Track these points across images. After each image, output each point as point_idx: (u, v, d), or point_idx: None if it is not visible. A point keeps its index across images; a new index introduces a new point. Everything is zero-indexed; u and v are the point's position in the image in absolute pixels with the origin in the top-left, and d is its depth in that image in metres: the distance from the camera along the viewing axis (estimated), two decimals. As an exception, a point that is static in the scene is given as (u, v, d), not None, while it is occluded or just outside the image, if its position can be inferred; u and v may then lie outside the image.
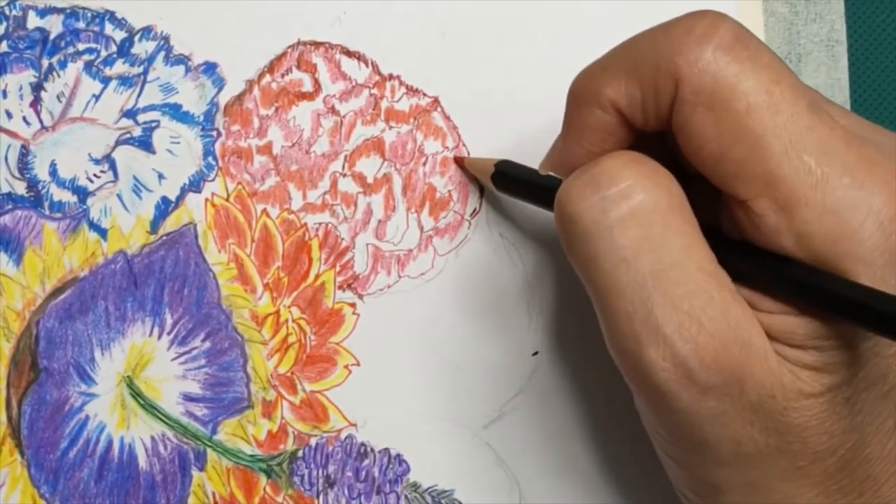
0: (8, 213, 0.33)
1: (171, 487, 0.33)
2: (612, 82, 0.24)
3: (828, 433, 0.23)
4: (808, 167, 0.22)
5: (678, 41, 0.23)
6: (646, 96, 0.24)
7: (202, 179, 0.33)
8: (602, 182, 0.24)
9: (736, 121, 0.22)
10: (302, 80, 0.34)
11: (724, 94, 0.23)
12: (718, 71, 0.23)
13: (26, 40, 0.33)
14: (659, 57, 0.23)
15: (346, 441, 0.33)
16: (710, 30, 0.23)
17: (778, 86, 0.23)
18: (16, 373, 0.33)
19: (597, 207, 0.24)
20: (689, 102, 0.23)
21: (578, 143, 0.26)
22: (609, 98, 0.24)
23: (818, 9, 0.35)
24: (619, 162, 0.24)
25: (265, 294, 0.33)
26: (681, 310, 0.23)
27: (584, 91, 0.25)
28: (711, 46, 0.23)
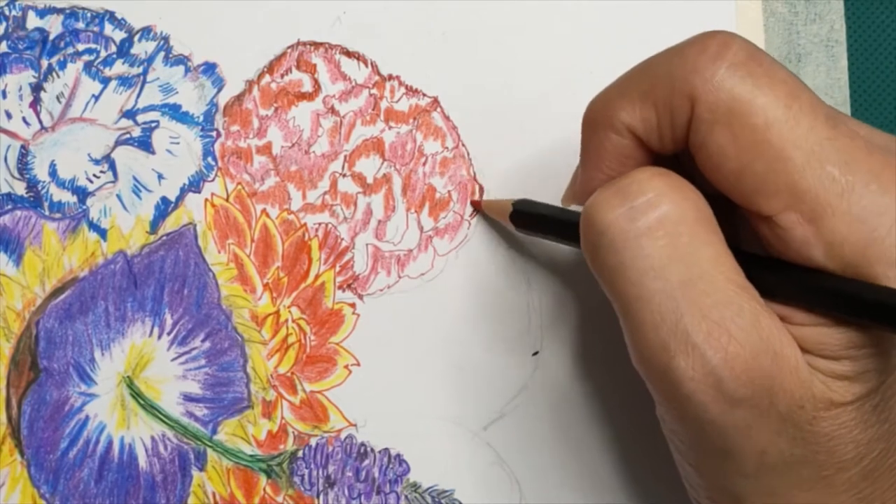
0: (8, 213, 0.33)
1: (171, 487, 0.33)
2: (626, 106, 0.24)
3: (854, 442, 0.23)
4: (832, 176, 0.22)
5: (692, 61, 0.23)
6: (661, 119, 0.24)
7: (202, 180, 0.33)
8: (630, 192, 0.24)
9: (755, 136, 0.23)
10: (301, 81, 0.34)
11: (741, 109, 0.23)
12: (734, 87, 0.23)
13: (26, 41, 0.33)
14: (673, 78, 0.23)
15: (346, 441, 0.33)
16: (723, 48, 0.23)
17: (796, 100, 0.23)
18: (16, 373, 0.33)
19: (625, 217, 0.24)
20: (706, 121, 0.23)
21: (597, 168, 0.26)
22: (625, 122, 0.24)
23: (818, 9, 0.35)
24: (647, 174, 0.24)
25: (265, 294, 0.33)
26: (710, 319, 0.23)
27: (600, 117, 0.25)
28: (725, 64, 0.23)
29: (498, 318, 0.34)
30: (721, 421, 0.23)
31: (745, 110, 0.23)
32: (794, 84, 0.23)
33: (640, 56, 0.34)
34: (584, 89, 0.34)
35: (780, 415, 0.23)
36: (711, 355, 0.22)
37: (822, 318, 0.23)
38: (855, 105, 0.36)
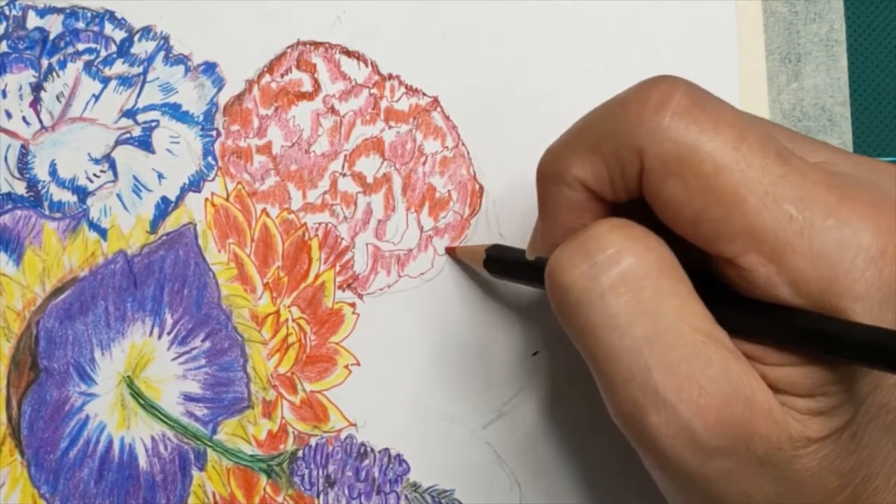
0: (8, 212, 0.33)
1: (171, 487, 0.33)
2: (576, 161, 0.24)
3: (837, 472, 0.23)
4: (789, 215, 0.22)
5: (635, 114, 0.23)
6: (612, 172, 0.24)
7: (202, 179, 0.33)
8: (591, 249, 0.24)
9: (707, 183, 0.22)
10: (301, 80, 0.34)
11: (689, 158, 0.22)
12: (679, 136, 0.22)
13: (26, 40, 0.33)
14: (619, 132, 0.23)
15: (346, 441, 0.33)
16: (665, 97, 0.23)
17: (744, 141, 0.22)
18: (16, 373, 0.33)
19: (587, 275, 0.24)
20: (657, 173, 0.23)
21: (555, 222, 0.25)
22: (575, 177, 0.24)
23: (818, 8, 0.35)
24: (606, 228, 0.24)
25: (265, 294, 0.33)
26: (679, 373, 0.22)
27: (551, 172, 0.25)
28: (669, 113, 0.22)
29: (497, 318, 0.34)
30: (701, 472, 0.23)
31: (693, 158, 0.22)
32: (741, 124, 0.23)
33: (640, 56, 0.34)
34: (584, 89, 0.34)
35: (758, 458, 0.23)
36: (683, 410, 0.22)
37: (793, 357, 0.23)
38: (855, 105, 0.36)
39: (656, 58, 0.35)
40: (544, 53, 0.34)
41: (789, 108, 0.35)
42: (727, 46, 0.35)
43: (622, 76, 0.34)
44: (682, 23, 0.35)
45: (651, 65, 0.34)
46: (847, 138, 0.35)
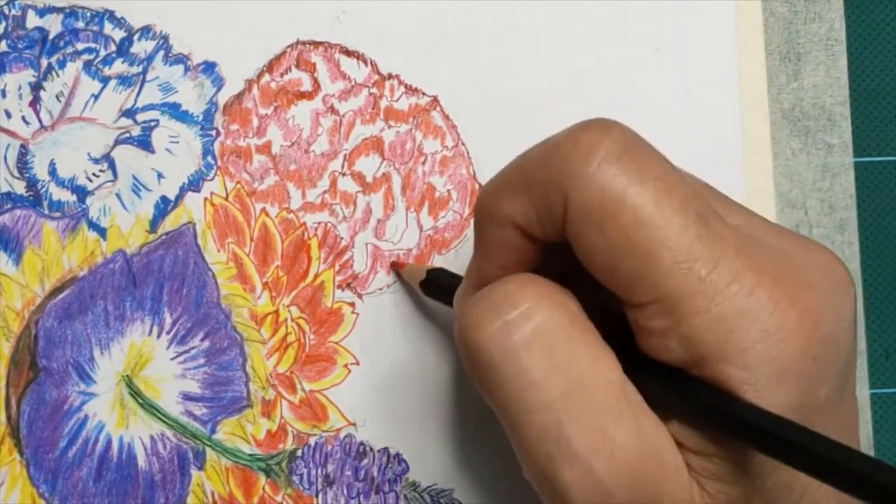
0: (7, 212, 0.33)
1: (170, 487, 0.33)
2: (507, 201, 0.24)
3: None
4: (698, 276, 0.22)
5: (565, 158, 0.23)
6: (540, 213, 0.24)
7: (201, 179, 0.33)
8: (503, 307, 0.24)
9: (625, 236, 0.22)
10: (301, 80, 0.34)
11: (611, 209, 0.22)
12: (604, 186, 0.22)
13: (25, 40, 0.33)
14: (548, 175, 0.23)
15: (345, 440, 0.33)
16: (596, 143, 0.23)
17: (667, 197, 0.22)
18: (15, 372, 0.33)
19: (500, 333, 0.24)
20: (578, 220, 0.23)
21: (488, 259, 0.25)
22: (507, 216, 0.24)
23: (817, 8, 0.35)
24: (517, 284, 0.24)
25: (264, 293, 0.33)
26: (592, 427, 0.23)
27: (485, 211, 0.25)
28: (597, 160, 0.22)
29: (497, 318, 0.34)
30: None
31: (615, 210, 0.22)
32: (667, 179, 0.23)
33: (640, 56, 0.34)
34: (584, 89, 0.34)
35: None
36: (597, 465, 0.22)
37: None
38: (855, 105, 0.36)
39: (656, 58, 0.35)
40: (544, 53, 0.34)
41: (789, 107, 0.35)
42: (727, 46, 0.35)
43: (622, 76, 0.34)
44: (682, 23, 0.35)
45: (651, 65, 0.35)
46: (847, 138, 0.35)
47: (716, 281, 0.22)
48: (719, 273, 0.22)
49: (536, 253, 0.25)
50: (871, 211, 0.36)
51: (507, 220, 0.24)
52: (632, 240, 0.22)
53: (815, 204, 0.35)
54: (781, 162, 0.35)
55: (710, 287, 0.22)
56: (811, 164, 0.35)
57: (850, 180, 0.35)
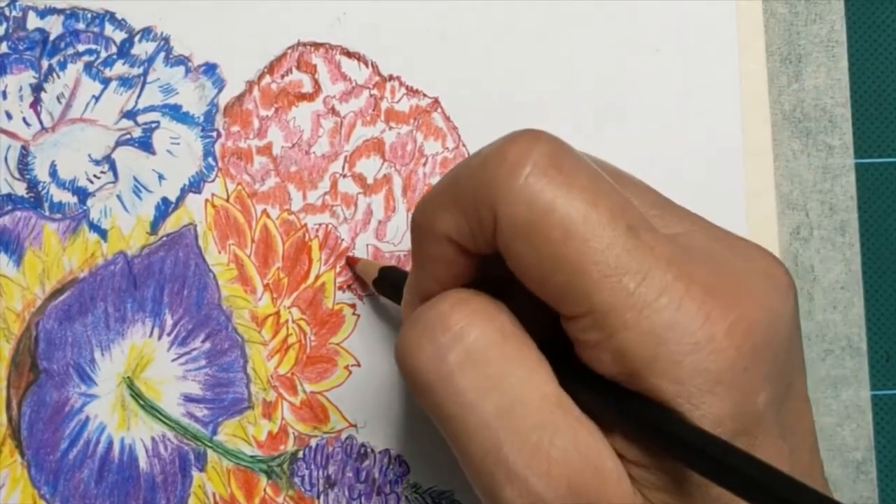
0: (8, 213, 0.33)
1: (171, 488, 0.33)
2: (440, 216, 0.24)
3: None
4: (627, 290, 0.22)
5: (492, 172, 0.23)
6: (472, 228, 0.24)
7: (202, 180, 0.33)
8: (435, 330, 0.24)
9: (553, 249, 0.22)
10: (302, 81, 0.34)
11: (539, 223, 0.22)
12: (532, 200, 0.22)
13: (26, 41, 0.33)
14: (477, 189, 0.23)
15: (346, 442, 0.33)
16: (523, 156, 0.22)
17: (595, 209, 0.22)
18: (16, 374, 0.33)
19: (434, 357, 0.24)
20: (508, 234, 0.23)
21: (426, 274, 0.25)
22: (441, 231, 0.24)
23: (818, 9, 0.35)
24: (448, 305, 0.24)
25: (265, 295, 0.33)
26: (530, 444, 0.23)
27: (420, 225, 0.25)
28: (524, 174, 0.22)
29: (498, 319, 0.34)
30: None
31: (542, 223, 0.22)
32: (595, 190, 0.23)
33: (640, 56, 0.34)
34: (584, 89, 0.34)
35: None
36: (535, 482, 0.22)
37: None
38: (855, 105, 0.36)
39: (656, 58, 0.35)
40: (544, 53, 0.34)
41: (790, 109, 0.35)
42: (727, 47, 0.35)
43: (622, 76, 0.34)
44: (682, 23, 0.35)
45: (651, 65, 0.35)
46: (847, 139, 0.35)
47: (644, 294, 0.22)
48: (648, 286, 0.22)
49: (473, 265, 0.25)
50: (872, 212, 0.36)
51: (442, 235, 0.24)
52: (560, 253, 0.22)
53: (816, 205, 0.35)
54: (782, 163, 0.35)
55: (639, 300, 0.22)
56: (812, 166, 0.35)
57: (851, 182, 0.35)
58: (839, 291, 0.35)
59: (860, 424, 0.35)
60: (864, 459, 0.35)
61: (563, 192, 0.22)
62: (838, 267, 0.35)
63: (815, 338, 0.35)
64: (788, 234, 0.35)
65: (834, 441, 0.35)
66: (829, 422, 0.35)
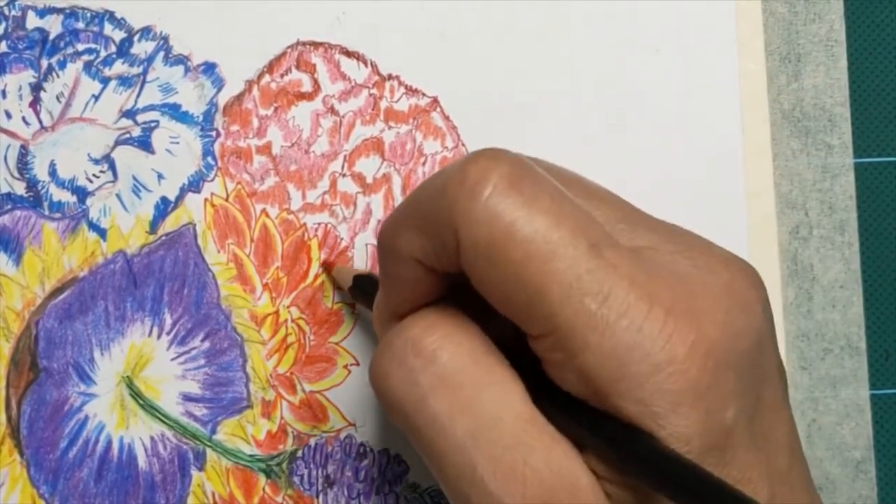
0: (7, 213, 0.33)
1: (170, 487, 0.33)
2: (404, 237, 0.24)
3: None
4: (589, 311, 0.22)
5: (453, 193, 0.23)
6: (436, 248, 0.24)
7: (201, 179, 0.34)
8: (406, 354, 0.24)
9: (514, 270, 0.22)
10: (301, 81, 0.34)
11: (499, 245, 0.22)
12: (491, 222, 0.22)
13: (25, 40, 0.33)
14: (438, 211, 0.23)
15: (345, 441, 0.33)
16: (483, 176, 0.22)
17: (556, 230, 0.22)
18: (15, 373, 0.33)
19: (406, 381, 0.24)
20: (470, 254, 0.23)
21: (395, 294, 0.26)
22: (406, 251, 0.24)
23: (817, 9, 0.35)
24: (419, 329, 0.24)
25: (264, 294, 0.33)
26: (503, 465, 0.23)
27: (386, 245, 0.25)
28: (485, 195, 0.22)
29: (497, 318, 0.34)
30: None
31: (503, 245, 0.22)
32: (557, 211, 0.22)
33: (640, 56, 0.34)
34: (584, 89, 0.34)
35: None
36: (510, 502, 0.22)
37: None
38: (855, 105, 0.36)
39: (656, 58, 0.35)
40: (544, 53, 0.34)
41: (789, 108, 0.35)
42: (727, 46, 0.35)
43: (622, 76, 0.34)
44: (682, 23, 0.35)
45: (651, 65, 0.35)
46: (847, 139, 0.35)
47: (606, 315, 0.22)
48: (609, 307, 0.22)
49: (440, 283, 0.25)
50: (872, 212, 0.36)
51: (407, 255, 0.24)
52: (522, 274, 0.22)
53: (816, 205, 0.35)
54: (781, 163, 0.35)
55: (601, 321, 0.22)
56: (811, 165, 0.35)
57: (851, 181, 0.35)
58: (838, 290, 0.35)
59: (859, 423, 0.35)
60: (864, 458, 0.35)
61: (524, 213, 0.22)
62: (837, 266, 0.35)
63: (815, 337, 0.35)
64: (788, 233, 0.35)
65: (833, 440, 0.35)
66: (829, 421, 0.35)
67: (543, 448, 0.23)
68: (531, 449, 0.23)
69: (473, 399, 0.23)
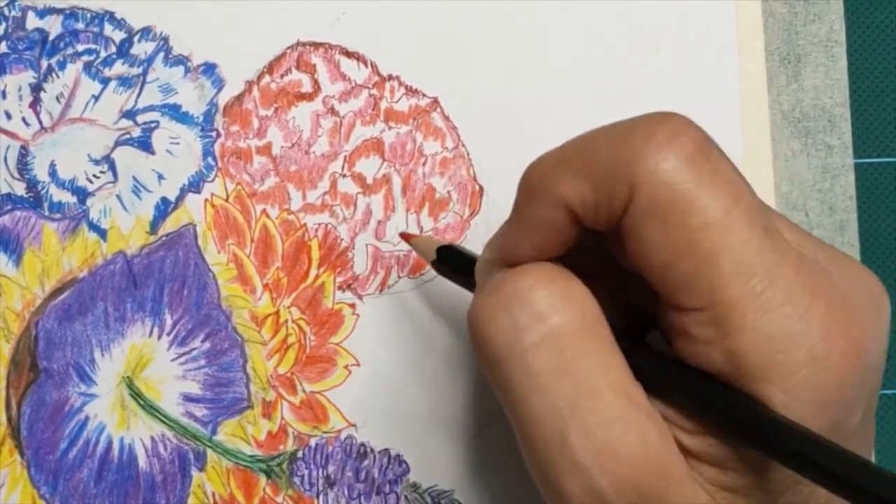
0: (7, 213, 0.33)
1: (170, 488, 0.33)
2: (565, 180, 0.23)
3: None
4: (754, 291, 0.22)
5: (637, 148, 0.22)
6: (599, 199, 0.23)
7: (201, 180, 0.33)
8: (514, 304, 0.23)
9: (688, 236, 0.22)
10: (301, 81, 0.34)
11: (679, 208, 0.22)
12: (675, 184, 0.22)
13: (26, 41, 0.33)
14: (616, 162, 0.22)
15: (345, 441, 0.33)
16: (672, 137, 0.22)
17: (736, 204, 0.22)
18: (15, 373, 0.33)
19: (510, 331, 0.23)
20: (642, 212, 0.22)
21: (524, 234, 0.25)
22: (561, 196, 0.23)
23: (817, 9, 0.35)
24: (532, 281, 0.23)
25: (265, 294, 0.33)
26: (598, 438, 0.22)
27: (537, 185, 0.24)
28: (671, 156, 0.22)
29: (498, 319, 0.34)
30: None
31: (682, 209, 0.22)
32: (738, 185, 0.22)
33: (640, 56, 0.34)
34: (584, 89, 0.34)
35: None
36: (599, 477, 0.22)
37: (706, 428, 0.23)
38: (854, 105, 0.36)
39: (656, 58, 0.35)
40: (544, 53, 0.34)
41: (789, 108, 0.35)
42: (727, 47, 0.35)
43: (622, 76, 0.34)
44: (682, 23, 0.35)
45: (651, 65, 0.35)
46: (847, 139, 0.35)
47: (770, 298, 0.22)
48: (775, 291, 0.22)
49: (576, 239, 0.24)
50: (872, 212, 0.36)
51: (559, 200, 0.23)
52: (695, 241, 0.22)
53: (816, 205, 0.35)
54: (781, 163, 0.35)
55: (764, 304, 0.22)
56: (811, 166, 0.35)
57: (851, 181, 0.35)
58: (838, 291, 0.35)
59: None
60: (864, 459, 0.35)
61: (708, 181, 0.22)
62: (837, 266, 0.35)
63: (815, 337, 0.35)
64: (788, 233, 0.35)
65: (833, 441, 0.35)
66: (829, 421, 0.35)
67: (640, 427, 0.22)
68: (628, 426, 0.22)
69: (576, 365, 0.23)
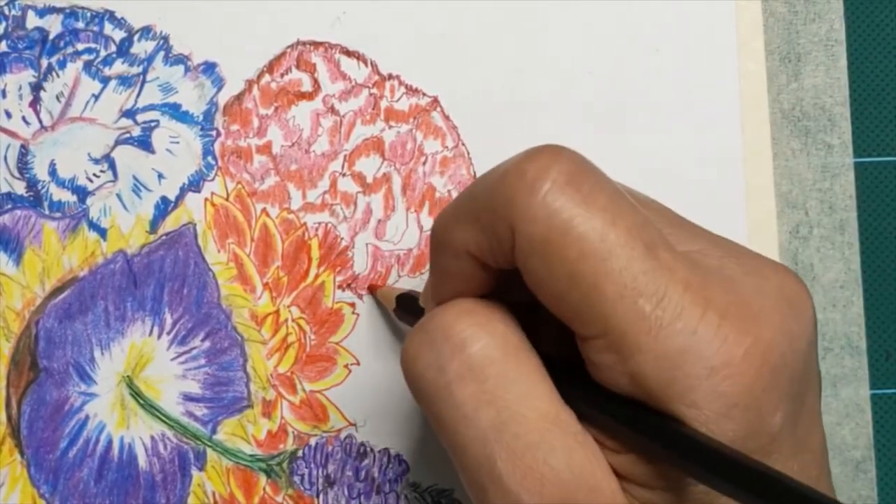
0: (7, 212, 0.33)
1: (170, 487, 0.33)
2: (462, 229, 0.24)
3: None
4: (642, 312, 0.22)
5: (511, 188, 0.23)
6: (491, 243, 0.23)
7: (202, 179, 0.34)
8: (437, 338, 0.24)
9: (570, 269, 0.22)
10: (301, 80, 0.34)
11: (555, 241, 0.22)
12: (549, 218, 0.22)
13: (25, 40, 0.33)
14: (495, 205, 0.23)
15: (345, 441, 0.33)
16: (542, 172, 0.22)
17: (613, 229, 0.22)
18: (15, 372, 0.33)
19: (434, 366, 0.24)
20: (525, 251, 0.23)
21: (442, 283, 0.25)
22: (462, 244, 0.24)
23: (817, 8, 0.35)
24: (452, 315, 0.24)
25: (265, 294, 0.33)
26: (523, 462, 0.23)
27: (441, 238, 0.25)
28: (543, 192, 0.22)
29: (498, 318, 0.34)
30: None
31: (559, 242, 0.22)
32: (614, 210, 0.22)
33: (640, 56, 0.35)
34: (584, 89, 0.34)
35: None
36: (527, 500, 0.22)
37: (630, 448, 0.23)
38: (854, 105, 0.36)
39: (656, 58, 0.35)
40: (544, 53, 0.34)
41: (789, 108, 0.35)
42: (727, 46, 0.35)
43: (622, 76, 0.34)
44: (682, 23, 0.35)
45: (651, 65, 0.35)
46: (847, 138, 0.35)
47: (660, 317, 0.22)
48: (664, 309, 0.22)
49: (492, 279, 0.25)
50: (871, 211, 0.36)
51: (460, 249, 0.24)
52: (576, 273, 0.22)
53: (816, 204, 0.35)
54: (781, 162, 0.35)
55: (655, 324, 0.22)
56: (811, 165, 0.35)
57: (850, 181, 0.35)
58: (838, 290, 0.35)
59: (859, 423, 0.35)
60: (864, 458, 0.35)
61: (581, 211, 0.22)
62: (837, 266, 0.35)
63: (815, 337, 0.35)
64: (788, 232, 0.35)
65: (833, 440, 0.35)
66: (829, 420, 0.35)
67: (565, 449, 0.23)
68: (552, 449, 0.23)
69: (500, 392, 0.23)
